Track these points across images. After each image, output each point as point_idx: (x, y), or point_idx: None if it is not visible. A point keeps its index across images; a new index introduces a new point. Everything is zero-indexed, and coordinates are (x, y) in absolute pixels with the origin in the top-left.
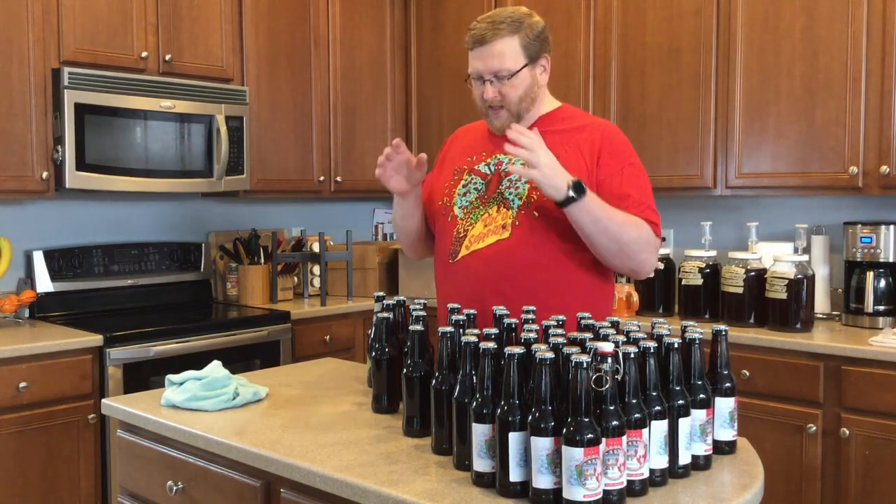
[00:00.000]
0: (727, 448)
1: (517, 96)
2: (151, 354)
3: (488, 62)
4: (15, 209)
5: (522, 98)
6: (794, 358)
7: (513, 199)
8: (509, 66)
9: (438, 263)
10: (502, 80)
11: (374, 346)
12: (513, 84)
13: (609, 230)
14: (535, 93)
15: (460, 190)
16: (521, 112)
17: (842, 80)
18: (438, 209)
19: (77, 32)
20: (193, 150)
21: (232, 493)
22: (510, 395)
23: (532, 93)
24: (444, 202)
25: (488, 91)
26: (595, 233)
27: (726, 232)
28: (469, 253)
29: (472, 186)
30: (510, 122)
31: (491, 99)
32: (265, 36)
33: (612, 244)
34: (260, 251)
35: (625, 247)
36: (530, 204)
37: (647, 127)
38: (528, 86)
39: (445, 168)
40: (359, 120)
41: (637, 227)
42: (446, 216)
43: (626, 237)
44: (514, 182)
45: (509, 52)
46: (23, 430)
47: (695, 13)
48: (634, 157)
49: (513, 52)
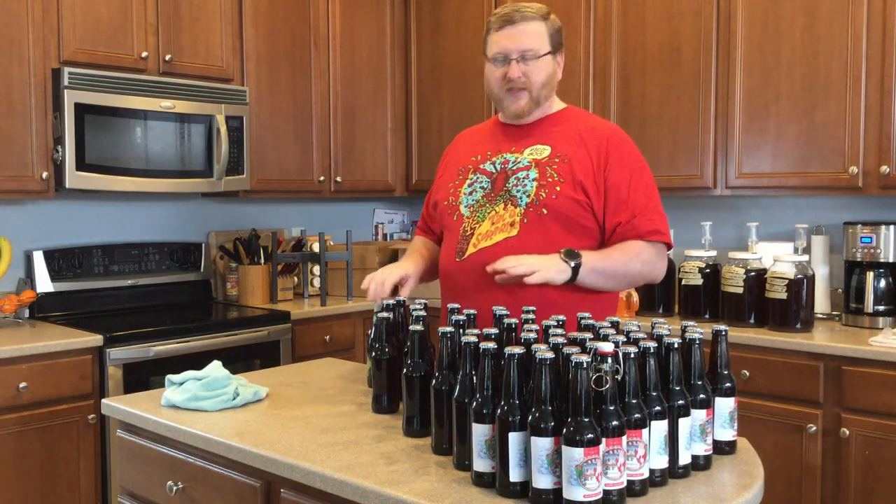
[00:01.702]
0: (727, 448)
1: (540, 80)
2: (151, 354)
3: (517, 40)
4: (15, 209)
5: (544, 84)
6: (794, 358)
7: (521, 197)
8: (538, 47)
9: (445, 262)
10: (528, 61)
11: (374, 346)
12: (538, 66)
13: (616, 275)
14: (554, 83)
15: (466, 189)
16: (541, 98)
17: (842, 80)
18: (444, 208)
19: (77, 32)
20: (193, 150)
21: (232, 493)
22: (510, 395)
23: (552, 82)
24: (449, 201)
25: (514, 69)
26: (604, 283)
27: (726, 232)
28: (477, 251)
29: (477, 185)
30: (529, 107)
31: (516, 78)
32: (265, 36)
33: (622, 283)
34: (260, 251)
35: (634, 279)
36: (538, 202)
37: (647, 127)
38: (550, 73)
39: (449, 169)
40: (359, 120)
41: (638, 257)
42: (452, 215)
43: (632, 272)
44: (521, 180)
45: (539, 34)
46: (23, 430)
47: (695, 13)
48: (642, 162)
49: (541, 35)
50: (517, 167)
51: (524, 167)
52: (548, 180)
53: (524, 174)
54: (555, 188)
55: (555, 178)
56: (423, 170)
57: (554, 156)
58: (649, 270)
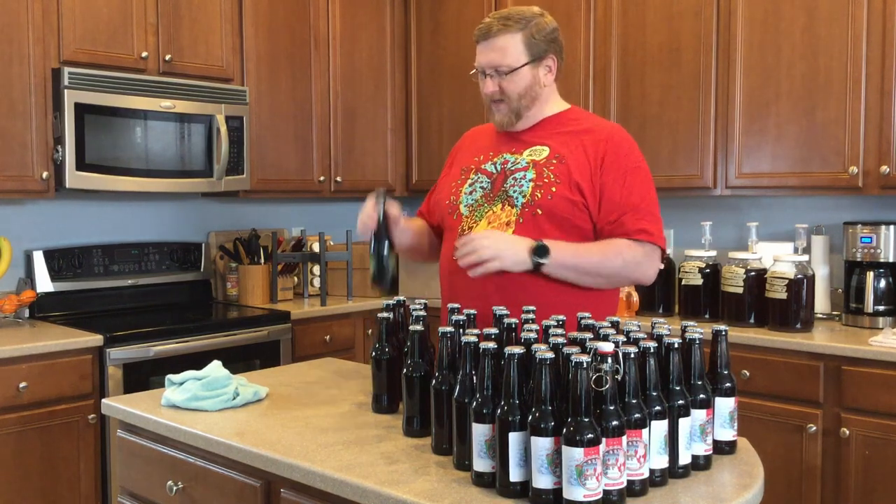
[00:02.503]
0: (727, 448)
1: (516, 93)
2: (151, 354)
3: (489, 56)
4: (15, 209)
5: (522, 95)
6: (794, 358)
7: (517, 198)
8: (509, 62)
9: (444, 261)
10: (501, 75)
11: (374, 346)
12: (511, 80)
13: (589, 272)
14: (536, 92)
15: (467, 188)
16: (521, 109)
17: (842, 81)
18: (446, 207)
19: (77, 32)
20: (193, 150)
21: (232, 493)
22: (510, 395)
23: (533, 91)
24: (451, 201)
25: (488, 85)
26: (577, 279)
27: (726, 232)
28: None
29: (478, 185)
30: (510, 117)
31: (490, 93)
32: (265, 36)
33: (600, 280)
34: (260, 251)
35: (612, 277)
36: (534, 202)
37: (647, 127)
38: (528, 84)
39: (454, 168)
40: (359, 120)
41: (619, 255)
42: (452, 214)
43: (609, 270)
44: (518, 180)
45: (511, 48)
46: (23, 430)
47: (695, 13)
48: (640, 162)
49: (515, 48)
50: (516, 168)
51: (522, 168)
52: (544, 181)
53: (522, 175)
54: (550, 189)
55: (551, 178)
56: (423, 170)
57: (552, 157)
58: (632, 270)
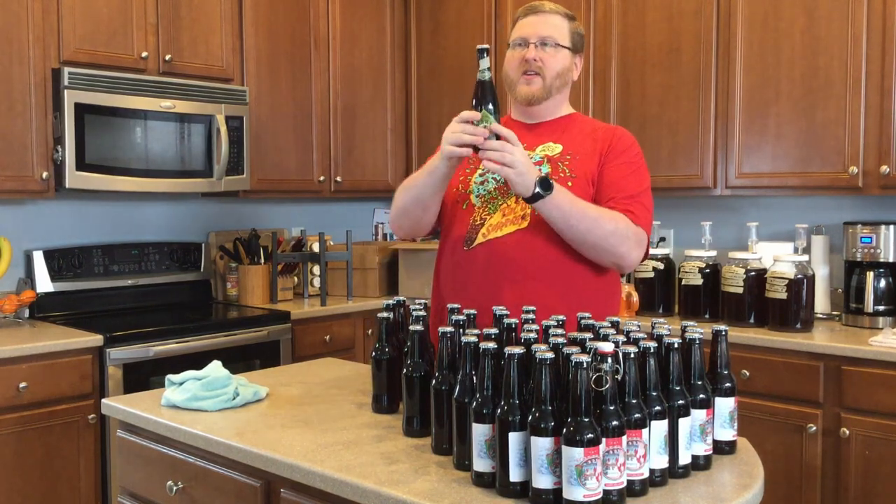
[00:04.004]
0: (727, 448)
1: (555, 69)
2: (151, 354)
3: (539, 27)
4: (15, 209)
5: (559, 74)
6: (794, 358)
7: None
8: (558, 37)
9: (448, 251)
10: (546, 48)
11: (374, 346)
12: (555, 55)
13: (580, 225)
14: (567, 78)
15: (477, 178)
16: (552, 89)
17: (842, 80)
18: (453, 196)
19: (77, 32)
20: (193, 150)
21: (232, 493)
22: (510, 395)
23: (566, 76)
24: (459, 189)
25: (531, 51)
26: (565, 228)
27: (726, 232)
28: (486, 241)
29: (490, 176)
30: (541, 93)
31: (531, 59)
32: (265, 36)
33: (587, 237)
34: (260, 251)
35: (600, 240)
36: None
37: (647, 127)
38: (565, 66)
39: None
40: (359, 120)
41: (613, 221)
42: (461, 203)
43: (600, 231)
44: None
45: (562, 28)
46: (23, 430)
47: (695, 13)
48: (638, 157)
49: (564, 30)
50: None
51: (536, 163)
52: (559, 175)
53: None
54: (566, 183)
55: (566, 173)
56: None
57: (566, 153)
58: (619, 241)
